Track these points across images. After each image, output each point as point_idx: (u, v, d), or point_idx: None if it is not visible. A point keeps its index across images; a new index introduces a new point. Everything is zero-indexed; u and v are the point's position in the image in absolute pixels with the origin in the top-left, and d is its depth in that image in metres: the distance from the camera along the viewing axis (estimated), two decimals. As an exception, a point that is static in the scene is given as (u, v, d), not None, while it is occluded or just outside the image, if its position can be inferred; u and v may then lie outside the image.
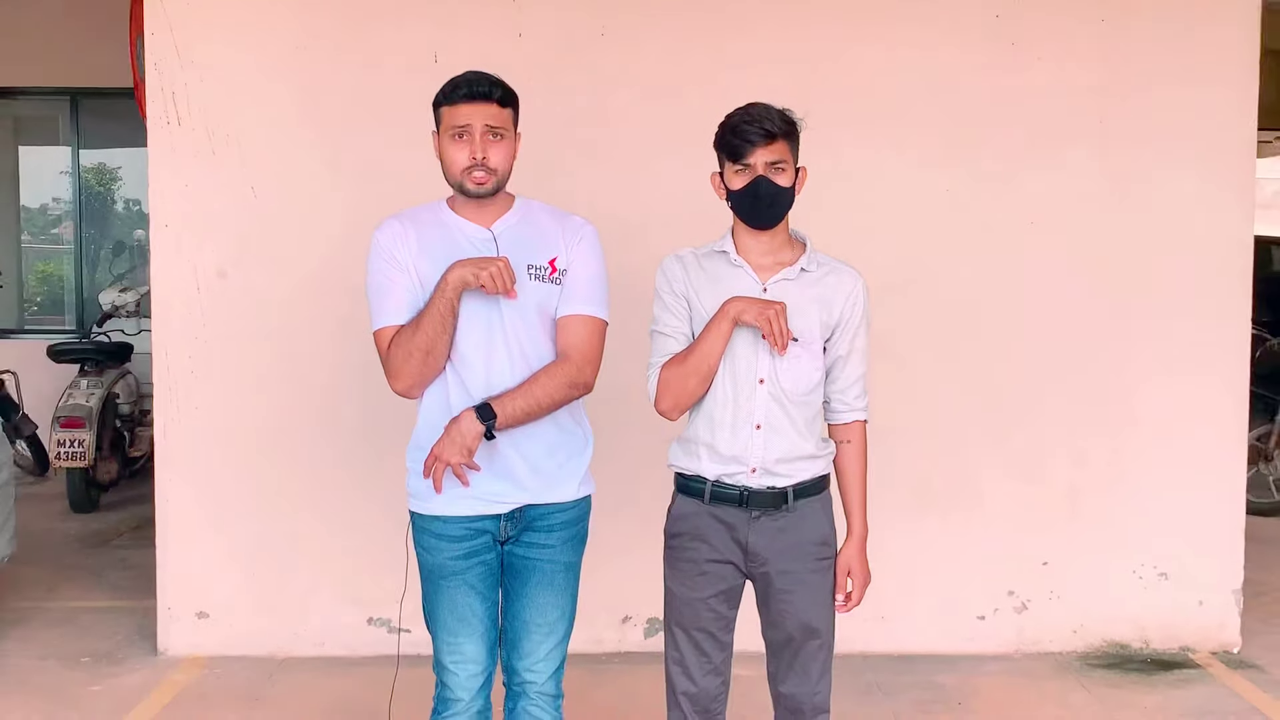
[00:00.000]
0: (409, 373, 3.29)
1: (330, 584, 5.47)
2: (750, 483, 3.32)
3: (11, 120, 10.77)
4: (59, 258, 11.13)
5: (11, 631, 5.80)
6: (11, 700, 5.03)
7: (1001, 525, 5.60)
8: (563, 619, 3.48)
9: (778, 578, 3.35)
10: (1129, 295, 5.58)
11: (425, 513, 3.39)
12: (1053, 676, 5.37)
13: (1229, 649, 5.65)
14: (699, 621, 3.39)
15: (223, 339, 5.45)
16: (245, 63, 5.42)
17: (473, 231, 3.37)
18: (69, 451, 7.83)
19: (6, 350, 9.36)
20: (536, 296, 3.34)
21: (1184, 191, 5.55)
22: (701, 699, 3.42)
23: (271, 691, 5.15)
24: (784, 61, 5.40)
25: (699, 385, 3.31)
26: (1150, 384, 5.59)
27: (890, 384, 5.43)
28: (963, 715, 4.96)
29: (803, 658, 3.41)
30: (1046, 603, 5.63)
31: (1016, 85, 5.51)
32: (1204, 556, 5.65)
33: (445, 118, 3.33)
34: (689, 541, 3.38)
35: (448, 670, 3.43)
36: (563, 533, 3.43)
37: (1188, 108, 5.53)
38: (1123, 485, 5.62)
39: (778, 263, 3.36)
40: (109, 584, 6.61)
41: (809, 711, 3.44)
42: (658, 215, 5.22)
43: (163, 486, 5.53)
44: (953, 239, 5.55)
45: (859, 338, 3.40)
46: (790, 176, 3.29)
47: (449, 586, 3.39)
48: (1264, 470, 8.40)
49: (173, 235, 5.44)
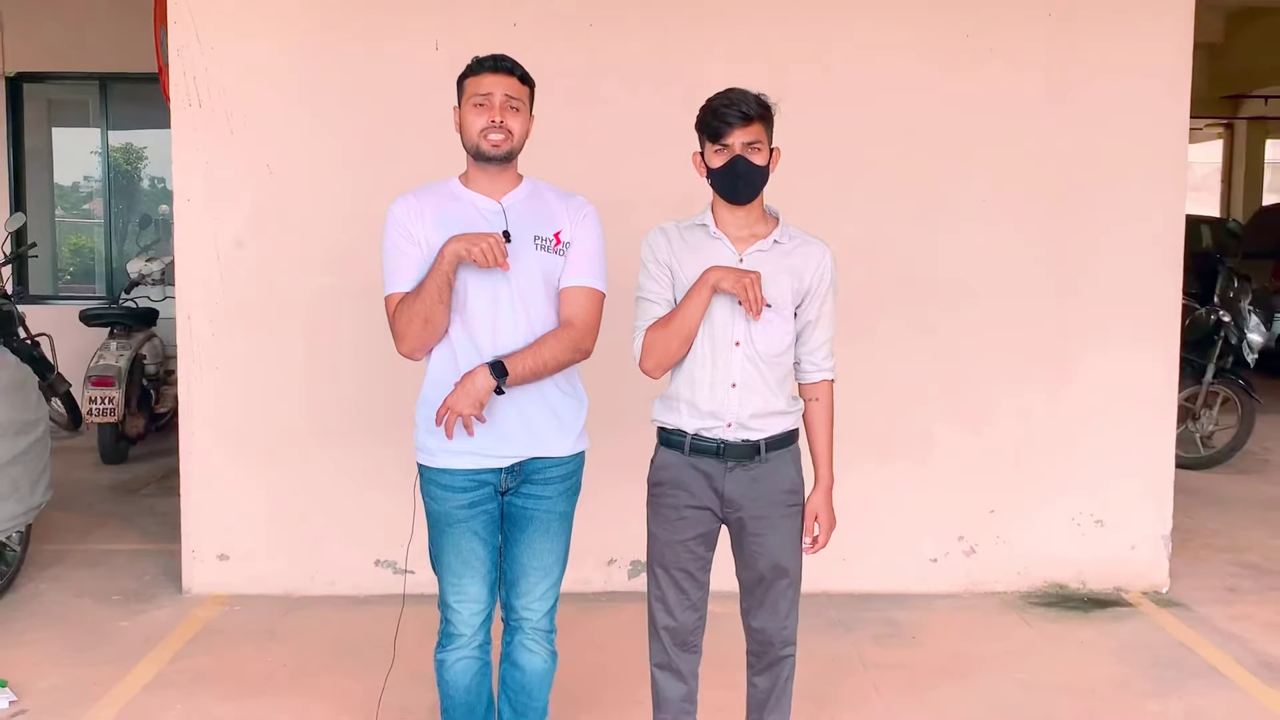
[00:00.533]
0: (411, 336, 3.28)
1: (340, 529, 5.46)
2: (726, 436, 3.32)
3: (45, 103, 10.65)
4: (90, 231, 11.05)
5: (48, 572, 5.78)
6: (49, 634, 5.02)
7: (952, 476, 5.61)
8: (557, 563, 3.48)
9: (751, 522, 3.36)
10: (1071, 266, 5.57)
11: (432, 465, 3.38)
12: (998, 613, 5.40)
13: (1158, 589, 5.68)
14: (679, 562, 3.40)
15: (240, 304, 5.42)
16: (261, 49, 5.37)
17: (483, 204, 3.35)
18: (100, 408, 7.80)
19: (42, 315, 9.28)
20: (541, 266, 3.34)
21: (1123, 172, 5.54)
22: (680, 632, 3.44)
23: (286, 627, 5.15)
24: (761, 51, 5.37)
25: (680, 347, 3.31)
26: (1090, 347, 5.60)
27: (852, 346, 5.41)
28: (915, 648, 4.98)
29: (773, 595, 3.42)
30: (993, 547, 5.65)
31: (971, 75, 5.48)
32: (1136, 505, 5.67)
33: (469, 88, 3.33)
34: (670, 489, 3.38)
35: (452, 608, 3.43)
36: (559, 485, 3.43)
37: (1127, 96, 5.51)
38: (1063, 440, 5.63)
39: (753, 235, 3.35)
40: (137, 529, 6.58)
41: (778, 644, 3.46)
42: (643, 193, 5.18)
43: (186, 439, 5.50)
44: (913, 214, 5.53)
45: (827, 304, 3.40)
46: (765, 156, 3.29)
47: (454, 533, 3.38)
48: (1191, 428, 8.43)
49: (195, 209, 5.40)
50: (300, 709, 4.31)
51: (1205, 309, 8.85)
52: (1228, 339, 8.55)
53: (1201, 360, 8.56)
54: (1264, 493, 7.69)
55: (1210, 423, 8.46)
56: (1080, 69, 5.51)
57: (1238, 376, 8.55)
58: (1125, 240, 5.56)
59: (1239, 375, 8.58)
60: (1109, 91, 5.51)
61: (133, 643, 4.93)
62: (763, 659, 3.48)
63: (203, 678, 4.60)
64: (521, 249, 3.31)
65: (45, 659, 4.73)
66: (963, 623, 5.27)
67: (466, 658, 3.45)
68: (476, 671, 3.48)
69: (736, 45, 5.40)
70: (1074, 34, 5.50)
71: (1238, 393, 8.47)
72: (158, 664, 4.71)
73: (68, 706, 4.31)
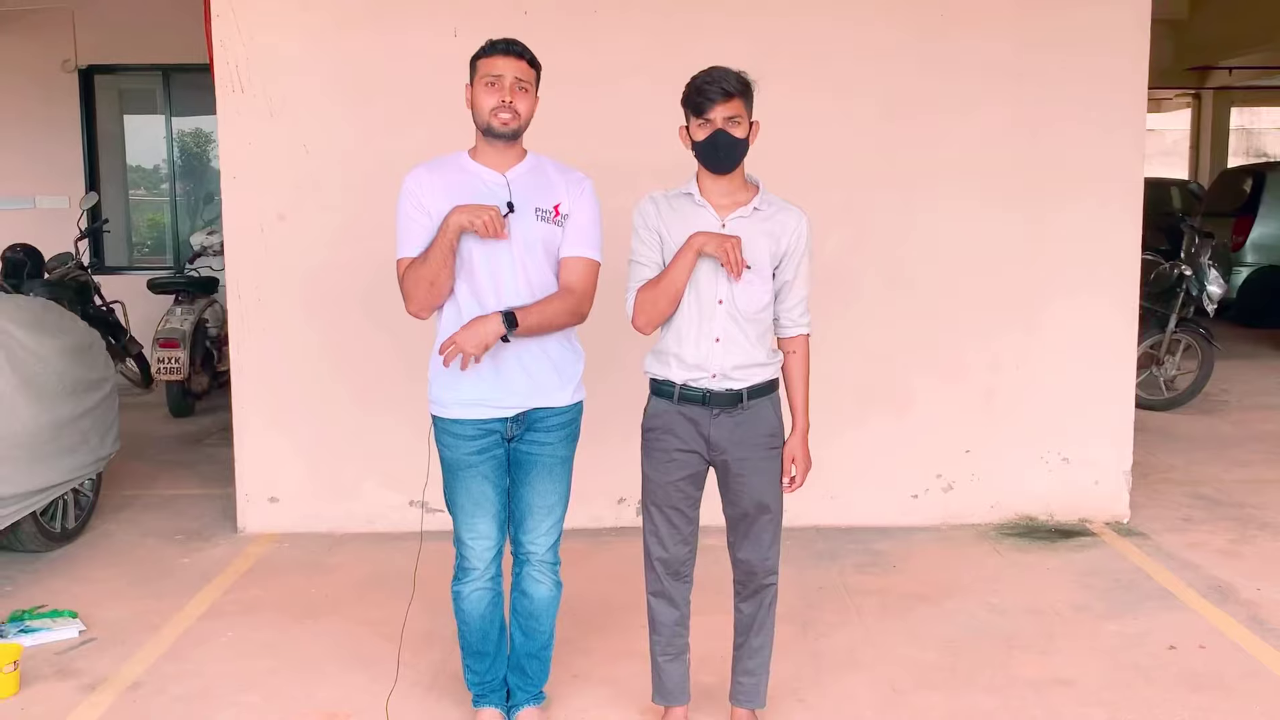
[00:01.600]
0: (418, 297, 3.26)
1: (377, 473, 5.46)
2: (711, 386, 3.29)
3: (116, 93, 10.62)
4: (161, 208, 11.05)
5: (119, 515, 5.81)
6: (117, 570, 5.05)
7: (930, 420, 5.55)
8: (559, 503, 3.47)
9: (734, 464, 3.33)
10: (1037, 226, 5.48)
11: (445, 416, 3.37)
12: (972, 544, 5.35)
13: (1119, 520, 5.62)
14: (670, 500, 3.37)
15: (282, 270, 5.39)
16: (295, 39, 5.31)
17: (489, 176, 3.31)
18: (167, 367, 7.82)
19: (117, 284, 9.32)
20: (541, 234, 3.30)
21: (1086, 137, 5.42)
22: (672, 563, 3.41)
23: (329, 561, 5.17)
24: (748, 32, 5.28)
25: (668, 305, 3.27)
26: (1054, 300, 5.51)
27: (837, 305, 5.39)
28: (895, 575, 4.95)
29: (756, 529, 3.39)
30: (968, 484, 5.60)
31: (942, 50, 5.38)
32: (1099, 444, 5.61)
33: (481, 68, 3.27)
34: (661, 435, 3.35)
35: (466, 545, 3.42)
36: (559, 432, 3.41)
37: (1089, 67, 5.39)
38: (1031, 385, 5.56)
39: (735, 202, 3.29)
40: (200, 475, 6.60)
41: (761, 573, 3.43)
42: (645, 164, 5.09)
43: (238, 394, 5.50)
44: (891, 180, 5.44)
45: (803, 265, 3.35)
46: (745, 129, 3.22)
47: (466, 477, 3.37)
48: (1156, 373, 8.35)
49: (240, 186, 5.37)
50: (338, 634, 4.32)
51: (1169, 263, 8.74)
52: (1189, 291, 8.44)
53: (1165, 311, 8.47)
54: (1220, 431, 7.59)
55: (1173, 368, 8.37)
56: (1046, 42, 5.38)
57: (1198, 325, 8.46)
58: (1088, 201, 5.46)
59: (1199, 324, 8.49)
60: (1073, 63, 5.39)
61: (191, 577, 4.96)
62: (748, 587, 3.45)
63: (252, 608, 4.61)
64: (524, 218, 3.28)
65: (113, 593, 4.76)
66: (939, 553, 5.23)
67: (480, 589, 3.45)
68: (490, 601, 3.47)
69: (724, 22, 5.30)
70: (1040, 9, 5.37)
71: (1198, 340, 8.38)
72: (213, 596, 4.73)
73: (131, 634, 4.33)
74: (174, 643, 4.26)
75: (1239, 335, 11.44)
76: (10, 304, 5.03)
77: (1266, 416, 7.98)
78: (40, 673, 4.00)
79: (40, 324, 5.16)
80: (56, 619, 4.38)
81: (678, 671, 3.51)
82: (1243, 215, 12.06)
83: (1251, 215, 11.98)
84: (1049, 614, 4.51)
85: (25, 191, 10.25)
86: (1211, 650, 4.17)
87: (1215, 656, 4.11)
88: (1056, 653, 4.16)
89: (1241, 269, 11.89)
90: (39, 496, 4.92)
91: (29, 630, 4.26)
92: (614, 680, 3.92)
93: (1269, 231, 11.95)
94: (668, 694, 3.52)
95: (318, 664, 4.08)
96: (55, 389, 5.06)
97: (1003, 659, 4.10)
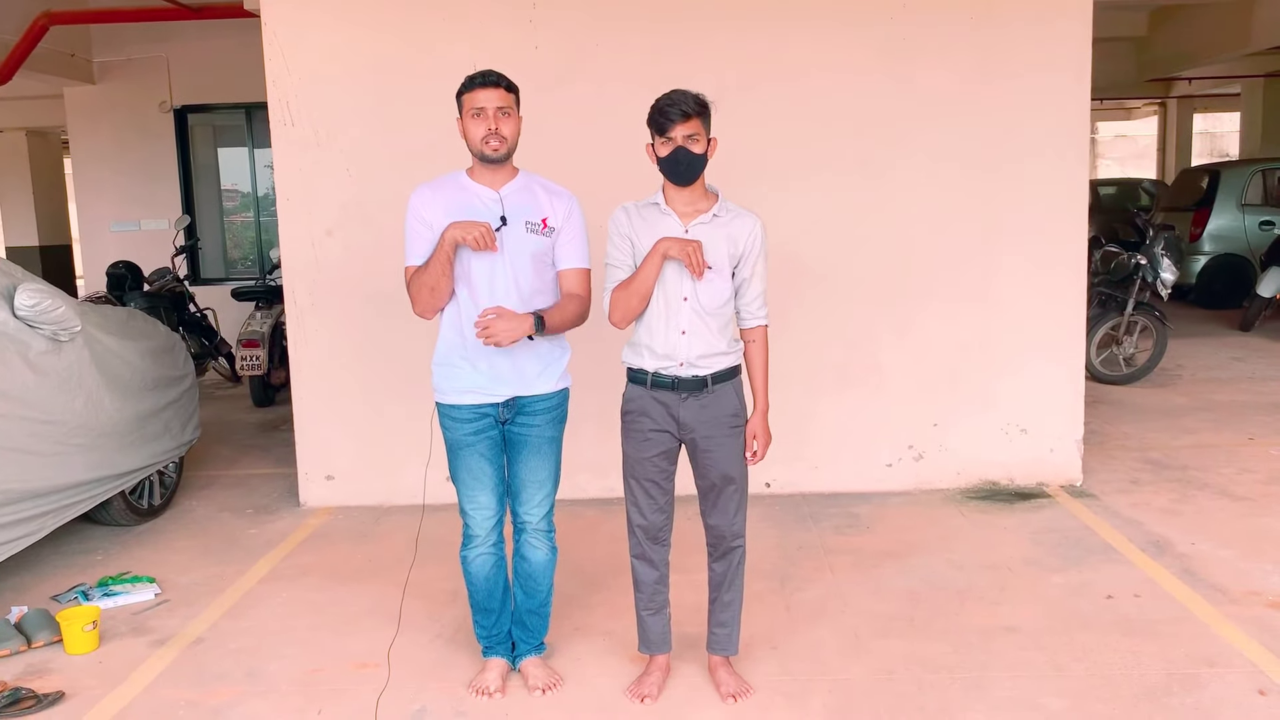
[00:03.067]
0: (421, 300, 3.24)
1: (418, 454, 5.30)
2: (679, 373, 3.23)
3: (209, 129, 10.74)
4: (250, 227, 11.12)
5: (201, 493, 5.86)
6: (194, 541, 5.09)
7: (902, 396, 5.45)
8: (549, 478, 3.43)
9: (702, 441, 3.27)
10: (994, 222, 5.35)
11: (445, 402, 3.35)
12: (940, 507, 5.25)
13: (1073, 483, 5.49)
14: (647, 474, 3.32)
15: (331, 279, 5.39)
16: (337, 77, 5.30)
17: (484, 193, 3.28)
18: (249, 364, 7.86)
19: (211, 294, 9.45)
20: (530, 245, 3.27)
21: (1036, 145, 5.28)
22: (651, 529, 3.37)
23: (377, 530, 5.17)
24: (737, 59, 5.20)
25: (640, 303, 3.21)
26: (1011, 287, 5.38)
27: (815, 295, 5.32)
28: (868, 535, 4.86)
29: (723, 499, 3.33)
30: (937, 453, 5.49)
31: (907, 70, 5.26)
32: (1053, 415, 5.47)
33: (466, 103, 3.24)
34: (637, 417, 3.30)
35: (469, 515, 3.40)
36: (545, 415, 3.37)
37: (1037, 82, 5.24)
38: (992, 363, 5.43)
39: (696, 210, 3.23)
40: (273, 457, 6.63)
41: (729, 537, 3.37)
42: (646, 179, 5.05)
43: (297, 386, 5.52)
44: (864, 186, 5.33)
45: (759, 264, 3.28)
46: (703, 146, 3.16)
47: (465, 455, 3.35)
48: (1116, 351, 8.16)
49: (293, 206, 5.37)
50: (376, 594, 4.31)
51: (1127, 254, 8.54)
52: (1145, 277, 8.24)
53: (1124, 295, 8.27)
54: (1172, 402, 7.40)
55: (1131, 346, 8.17)
56: (998, 61, 5.25)
57: (1154, 309, 8.26)
58: (1039, 200, 5.32)
59: (1155, 307, 8.29)
60: (1022, 79, 5.25)
61: (256, 546, 4.98)
62: (718, 549, 3.39)
63: (306, 572, 4.62)
64: (515, 230, 3.25)
65: (188, 561, 4.80)
66: (909, 515, 5.13)
67: (484, 554, 3.43)
68: (493, 565, 3.45)
69: (718, 50, 5.22)
70: (992, 32, 5.24)
71: (1153, 321, 8.19)
72: (273, 562, 4.75)
73: (200, 596, 4.36)
74: (235, 603, 4.28)
75: (1197, 316, 11.18)
76: (97, 314, 5.07)
77: (1215, 388, 7.76)
78: (118, 631, 4.03)
79: (125, 330, 5.21)
80: (136, 584, 4.42)
81: (659, 624, 3.46)
82: (1201, 209, 11.78)
83: (1208, 209, 11.70)
84: (1002, 568, 4.41)
85: (132, 216, 10.41)
86: (1145, 599, 4.05)
87: (1148, 604, 3.99)
88: (1006, 603, 4.06)
89: (1199, 257, 11.61)
90: (127, 478, 4.98)
91: (111, 594, 4.30)
92: (611, 633, 3.88)
93: (1224, 223, 11.67)
94: (651, 644, 3.48)
95: (356, 620, 4.08)
96: (138, 385, 5.10)
97: (956, 609, 4.01)
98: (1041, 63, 5.22)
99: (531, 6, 5.22)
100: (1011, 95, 5.26)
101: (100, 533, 5.14)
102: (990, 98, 5.27)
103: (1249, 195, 11.74)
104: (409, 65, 5.28)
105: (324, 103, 5.29)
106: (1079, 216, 5.35)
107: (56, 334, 4.51)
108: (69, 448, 4.50)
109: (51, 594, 4.41)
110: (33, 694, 3.47)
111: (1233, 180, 11.81)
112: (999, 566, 4.43)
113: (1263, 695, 3.29)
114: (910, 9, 5.21)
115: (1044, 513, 5.10)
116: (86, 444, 4.61)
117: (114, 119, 10.18)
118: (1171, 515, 5.00)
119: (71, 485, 4.51)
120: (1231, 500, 5.19)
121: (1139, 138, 27.57)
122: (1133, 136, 27.43)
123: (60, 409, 4.46)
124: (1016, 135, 5.29)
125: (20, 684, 3.57)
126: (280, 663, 3.74)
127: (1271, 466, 5.72)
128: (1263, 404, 7.19)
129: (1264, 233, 11.32)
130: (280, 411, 8.05)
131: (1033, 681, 3.42)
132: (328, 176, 5.34)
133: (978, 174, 5.32)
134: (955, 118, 5.29)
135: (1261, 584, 4.15)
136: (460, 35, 5.23)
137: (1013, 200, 5.33)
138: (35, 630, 3.89)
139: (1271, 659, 3.51)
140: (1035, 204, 5.32)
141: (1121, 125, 25.25)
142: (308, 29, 5.27)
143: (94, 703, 3.47)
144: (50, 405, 4.41)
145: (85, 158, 10.39)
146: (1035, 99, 5.25)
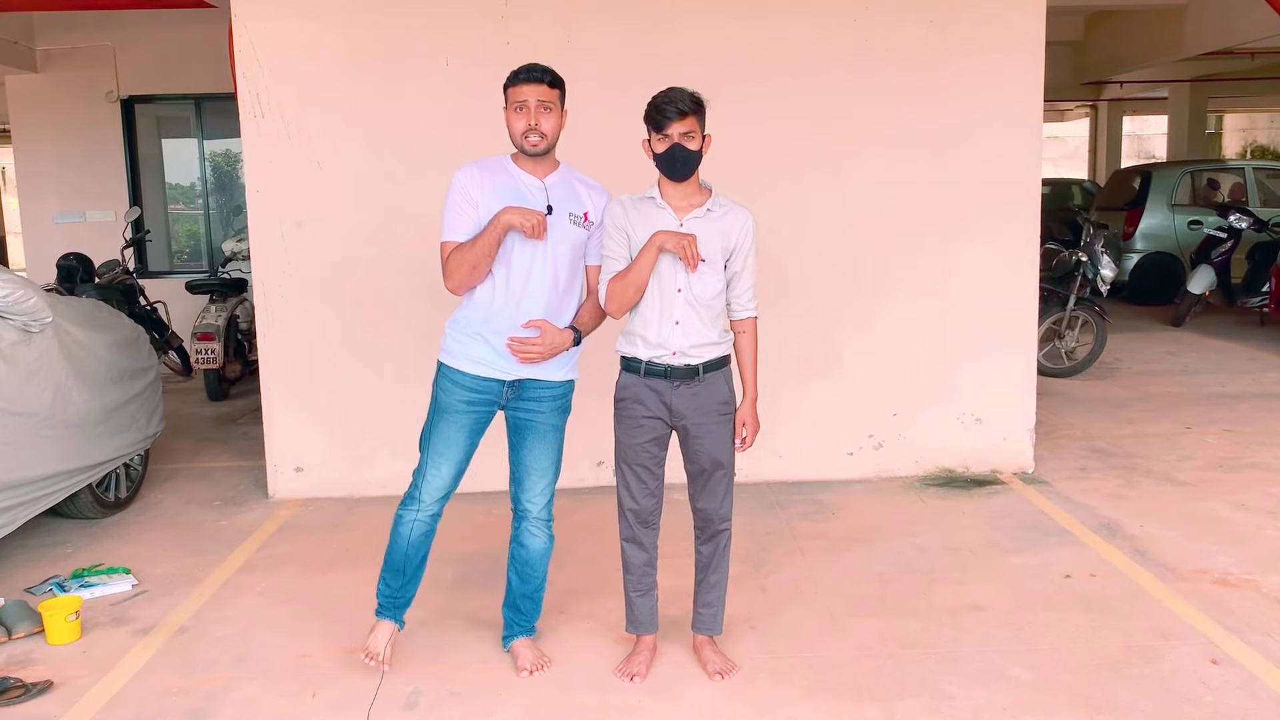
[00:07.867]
0: (459, 277, 3.29)
1: (388, 445, 5.48)
2: (672, 362, 3.33)
3: (155, 120, 10.56)
4: (197, 220, 10.99)
5: (165, 484, 5.83)
6: (164, 533, 5.07)
7: (863, 388, 5.63)
8: (551, 466, 3.50)
9: (693, 428, 3.38)
10: (950, 220, 5.55)
11: (451, 365, 3.39)
12: (899, 493, 5.44)
13: (1025, 470, 5.71)
14: (639, 459, 3.42)
15: (301, 272, 5.40)
16: (309, 70, 5.30)
17: (529, 181, 3.34)
18: (204, 357, 7.80)
19: (159, 287, 9.31)
20: (571, 236, 3.35)
21: (990, 144, 5.49)
22: (642, 514, 3.47)
23: (348, 520, 5.20)
24: (705, 58, 5.31)
25: (635, 294, 3.31)
26: (967, 282, 5.59)
27: (780, 290, 5.45)
28: (834, 521, 5.02)
29: (712, 483, 3.44)
30: (896, 442, 5.68)
31: (869, 70, 5.43)
32: (1006, 406, 5.69)
33: (510, 95, 3.29)
34: (630, 404, 3.40)
35: (425, 478, 3.40)
36: (550, 403, 3.45)
37: (992, 84, 5.45)
38: (948, 357, 5.64)
39: (691, 204, 3.34)
40: (235, 450, 6.61)
41: (716, 520, 3.48)
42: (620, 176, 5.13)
43: (265, 378, 5.52)
44: (825, 182, 5.50)
45: (750, 258, 3.39)
46: (698, 142, 3.26)
47: (449, 421, 3.38)
48: (1058, 345, 8.45)
49: (263, 198, 5.37)
50: (354, 583, 4.34)
51: (1069, 251, 8.84)
52: (1085, 274, 8.55)
53: (1065, 292, 8.56)
54: (1112, 393, 7.70)
55: (1073, 340, 8.46)
56: (956, 63, 5.45)
57: (1094, 304, 8.57)
58: (992, 197, 5.53)
59: (1095, 303, 8.59)
60: (978, 81, 5.45)
61: (228, 537, 4.98)
62: (705, 532, 3.51)
63: (281, 562, 4.64)
64: (559, 220, 3.33)
65: (161, 552, 4.78)
66: (872, 501, 5.31)
67: (421, 521, 3.42)
68: (423, 534, 3.45)
69: (686, 48, 5.33)
70: (950, 36, 5.43)
71: (1093, 316, 8.50)
72: (247, 553, 4.76)
73: (177, 587, 4.36)
74: (215, 593, 4.29)
75: (1131, 312, 11.58)
76: (64, 304, 5.02)
77: (1151, 380, 8.10)
78: (98, 621, 4.03)
79: (91, 321, 5.16)
80: (112, 575, 4.41)
81: (647, 605, 3.56)
82: (1133, 208, 12.19)
83: (1140, 208, 12.11)
84: (964, 551, 4.59)
85: (77, 207, 10.20)
86: (1101, 578, 4.26)
87: (1104, 583, 4.20)
88: (970, 583, 4.24)
89: (1132, 255, 12.02)
90: (95, 470, 4.94)
91: (88, 585, 4.28)
92: (594, 615, 3.98)
93: (1155, 222, 12.09)
94: (639, 624, 3.58)
95: (337, 608, 4.11)
96: (105, 378, 5.06)
97: (924, 589, 4.18)
98: (996, 61, 5.43)
99: (504, 3, 5.28)
100: (968, 95, 5.46)
101: (68, 525, 5.10)
102: (947, 98, 5.46)
103: (1179, 196, 12.20)
104: (381, 59, 5.31)
105: (295, 95, 5.29)
106: (1032, 214, 5.57)
107: (27, 325, 4.47)
108: (39, 439, 4.46)
109: (25, 587, 4.37)
110: (21, 683, 3.47)
111: (1163, 181, 12.26)
112: (961, 549, 4.61)
113: (1215, 664, 3.50)
114: (870, 10, 5.38)
115: (1000, 498, 5.31)
116: (56, 435, 4.58)
117: (58, 108, 9.96)
118: (1119, 500, 5.24)
119: (43, 477, 4.47)
120: (1174, 485, 5.45)
121: (1070, 139, 28.33)
122: (1064, 138, 28.19)
123: (30, 400, 4.43)
124: (971, 136, 5.49)
125: (6, 674, 3.55)
126: (268, 649, 3.77)
127: (1209, 454, 6.01)
128: (1197, 395, 7.52)
129: (1193, 232, 11.77)
130: (235, 405, 8.00)
131: (1001, 655, 3.60)
132: (298, 169, 5.34)
133: (936, 171, 5.51)
134: (913, 115, 5.47)
135: (1207, 563, 4.39)
136: (432, 30, 5.27)
137: (968, 196, 5.53)
138: (15, 622, 3.87)
139: (1221, 631, 3.74)
140: (990, 200, 5.53)
141: (1054, 127, 25.94)
142: (279, 22, 5.26)
143: (84, 691, 3.47)
144: (20, 397, 4.37)
145: (28, 148, 10.16)
146: (990, 98, 5.46)
